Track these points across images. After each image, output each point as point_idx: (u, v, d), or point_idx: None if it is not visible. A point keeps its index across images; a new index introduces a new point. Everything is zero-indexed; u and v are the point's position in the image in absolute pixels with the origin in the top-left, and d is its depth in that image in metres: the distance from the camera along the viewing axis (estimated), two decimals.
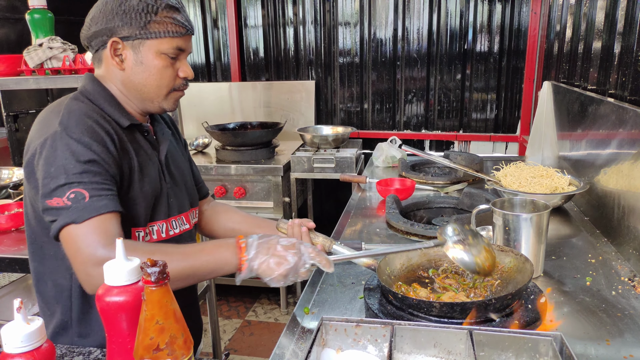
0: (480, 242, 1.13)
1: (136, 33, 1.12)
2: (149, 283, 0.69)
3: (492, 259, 1.12)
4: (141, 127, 1.22)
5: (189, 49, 1.22)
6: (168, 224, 1.24)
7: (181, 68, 1.20)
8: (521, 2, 3.13)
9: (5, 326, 0.69)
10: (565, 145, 2.20)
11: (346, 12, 3.41)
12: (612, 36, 1.74)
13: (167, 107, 1.23)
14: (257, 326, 3.09)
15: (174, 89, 1.21)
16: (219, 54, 3.74)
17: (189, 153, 1.50)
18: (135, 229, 1.16)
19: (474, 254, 1.11)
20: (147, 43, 1.13)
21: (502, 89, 3.30)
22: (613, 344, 1.02)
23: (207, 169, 2.98)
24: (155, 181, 1.20)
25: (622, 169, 1.51)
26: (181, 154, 1.40)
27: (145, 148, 1.21)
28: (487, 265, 1.10)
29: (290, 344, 1.06)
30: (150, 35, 1.13)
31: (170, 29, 1.14)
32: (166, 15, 1.13)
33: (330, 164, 2.96)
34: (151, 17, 1.12)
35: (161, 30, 1.13)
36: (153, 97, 1.20)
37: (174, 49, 1.16)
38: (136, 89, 1.18)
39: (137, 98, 1.20)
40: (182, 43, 1.17)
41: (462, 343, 0.86)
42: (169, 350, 0.70)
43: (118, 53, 1.15)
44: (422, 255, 1.27)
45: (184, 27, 1.16)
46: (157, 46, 1.14)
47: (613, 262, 1.41)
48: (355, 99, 3.54)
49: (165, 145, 1.28)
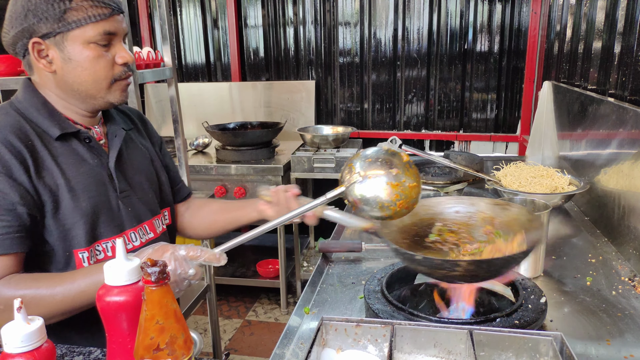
0: (385, 172, 0.93)
1: (55, 27, 1.00)
2: (149, 283, 0.69)
3: (402, 193, 0.92)
4: (79, 135, 1.11)
5: (122, 31, 1.09)
6: (123, 238, 1.14)
7: (118, 54, 1.08)
8: (521, 2, 3.12)
9: (5, 326, 0.69)
10: (565, 145, 2.20)
11: (346, 12, 3.41)
12: (612, 36, 1.74)
13: (114, 100, 1.11)
14: (257, 326, 3.09)
15: (115, 79, 1.09)
16: (219, 53, 3.74)
17: (165, 151, 1.39)
18: (78, 250, 1.06)
19: (375, 194, 0.92)
20: (69, 36, 1.02)
21: (502, 89, 3.30)
22: (613, 344, 1.02)
23: (208, 169, 2.98)
24: (97, 195, 1.09)
25: (622, 169, 1.51)
26: (148, 154, 1.29)
27: (86, 157, 1.10)
28: (398, 203, 0.92)
29: (291, 343, 1.06)
30: (71, 25, 1.01)
31: (92, 12, 1.02)
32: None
33: (331, 163, 2.96)
34: (66, 4, 1.00)
35: (81, 17, 1.01)
36: (94, 94, 1.09)
37: (101, 35, 1.04)
38: (72, 89, 1.07)
39: (77, 98, 1.09)
40: (110, 26, 1.05)
41: (462, 343, 0.86)
42: (169, 350, 0.70)
43: (43, 55, 1.04)
44: (412, 215, 1.12)
45: (107, 7, 1.04)
46: (81, 36, 1.02)
47: (613, 262, 1.41)
48: (356, 98, 3.54)
49: (116, 149, 1.16)
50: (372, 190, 0.92)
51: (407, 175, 0.93)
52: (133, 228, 1.17)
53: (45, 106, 1.09)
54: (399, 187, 0.93)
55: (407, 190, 0.93)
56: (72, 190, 1.06)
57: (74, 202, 1.05)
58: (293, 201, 1.21)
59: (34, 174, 1.02)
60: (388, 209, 0.94)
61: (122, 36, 1.10)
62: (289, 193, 1.22)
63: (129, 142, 1.23)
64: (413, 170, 0.97)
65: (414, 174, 0.96)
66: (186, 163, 2.18)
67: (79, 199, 1.06)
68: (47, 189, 1.03)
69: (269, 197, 1.25)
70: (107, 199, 1.12)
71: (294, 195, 1.22)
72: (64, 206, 1.05)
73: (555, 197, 1.73)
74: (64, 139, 1.09)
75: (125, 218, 1.15)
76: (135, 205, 1.18)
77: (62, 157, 1.07)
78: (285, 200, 1.22)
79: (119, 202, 1.14)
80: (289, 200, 1.21)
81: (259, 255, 3.52)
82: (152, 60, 2.06)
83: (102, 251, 1.11)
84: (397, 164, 0.95)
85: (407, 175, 0.93)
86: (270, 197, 1.24)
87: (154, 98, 3.82)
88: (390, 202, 0.93)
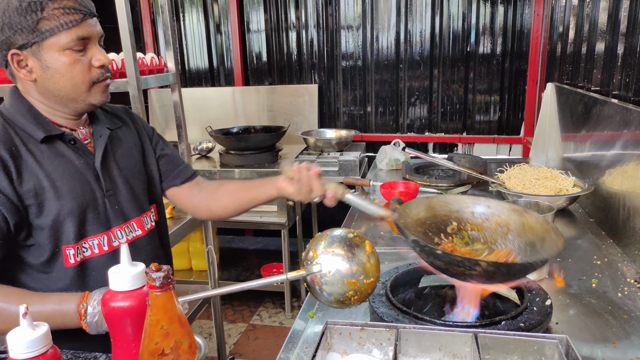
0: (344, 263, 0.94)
1: (30, 38, 1.03)
2: (153, 288, 0.69)
3: (357, 289, 0.94)
4: (63, 137, 1.13)
5: (96, 34, 1.10)
6: (109, 235, 1.17)
7: (94, 57, 1.10)
8: (523, 4, 3.12)
9: (11, 332, 0.70)
10: (569, 146, 2.19)
11: (348, 15, 3.42)
12: (615, 37, 1.74)
13: (95, 101, 1.14)
14: (262, 330, 3.09)
15: (94, 81, 1.11)
16: (222, 58, 3.76)
17: (159, 140, 1.40)
18: (66, 247, 1.11)
19: (332, 290, 0.95)
20: (45, 44, 1.04)
21: (505, 91, 3.30)
22: (620, 346, 1.02)
23: (211, 173, 2.98)
24: (82, 194, 1.12)
25: (627, 170, 1.50)
26: (137, 150, 1.31)
27: (71, 158, 1.13)
28: (353, 299, 0.95)
29: (295, 348, 1.06)
30: (44, 35, 1.03)
31: (64, 20, 1.03)
32: (55, 7, 1.03)
33: (334, 167, 2.96)
34: (38, 15, 1.02)
35: (53, 26, 1.03)
36: (74, 97, 1.11)
37: (75, 41, 1.06)
38: (54, 94, 1.10)
39: (60, 103, 1.12)
40: (83, 31, 1.06)
41: (467, 346, 0.86)
42: (174, 355, 0.70)
43: (23, 65, 1.07)
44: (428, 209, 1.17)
45: (79, 13, 1.05)
46: (56, 44, 1.04)
47: (619, 263, 1.41)
48: (359, 102, 3.55)
49: (101, 150, 1.18)
50: (329, 283, 0.95)
51: (366, 271, 0.95)
52: (119, 226, 1.20)
53: (30, 111, 1.12)
54: (355, 284, 0.95)
55: (363, 287, 0.96)
56: (57, 191, 1.09)
57: (59, 202, 1.09)
58: (315, 180, 1.19)
59: (16, 179, 1.05)
60: (342, 303, 0.97)
61: (97, 39, 1.12)
62: (312, 172, 1.20)
63: (115, 141, 1.25)
64: (374, 263, 0.98)
65: (374, 267, 0.98)
66: None
67: (64, 199, 1.10)
68: (32, 192, 1.06)
69: (291, 173, 1.23)
70: (93, 198, 1.15)
71: (316, 174, 1.20)
72: (50, 206, 1.08)
73: (559, 199, 1.73)
74: (49, 141, 1.12)
75: (111, 216, 1.18)
76: (122, 204, 1.21)
77: (47, 160, 1.10)
78: (307, 178, 1.20)
79: (105, 201, 1.17)
80: (310, 179, 1.19)
81: (263, 259, 3.52)
82: (155, 65, 2.07)
83: (88, 248, 1.15)
84: (358, 258, 0.96)
85: (367, 271, 0.96)
86: (293, 173, 1.22)
87: (157, 103, 3.84)
88: (345, 297, 0.96)
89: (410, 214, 1.15)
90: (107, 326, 0.95)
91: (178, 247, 3.28)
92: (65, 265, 1.13)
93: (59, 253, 1.11)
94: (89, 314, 0.98)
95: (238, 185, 1.40)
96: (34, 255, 1.12)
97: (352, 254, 0.95)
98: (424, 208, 1.18)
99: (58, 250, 1.11)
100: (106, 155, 1.20)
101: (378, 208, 1.15)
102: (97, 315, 0.97)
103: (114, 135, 1.26)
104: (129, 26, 1.72)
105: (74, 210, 1.11)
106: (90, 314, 0.98)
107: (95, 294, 1.01)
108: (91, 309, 0.98)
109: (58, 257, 1.12)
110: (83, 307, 0.99)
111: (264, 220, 2.95)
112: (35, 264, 1.12)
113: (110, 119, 1.29)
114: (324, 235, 1.00)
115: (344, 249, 0.95)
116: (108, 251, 1.17)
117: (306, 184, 1.20)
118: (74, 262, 1.13)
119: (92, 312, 0.98)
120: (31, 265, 1.13)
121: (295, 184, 1.23)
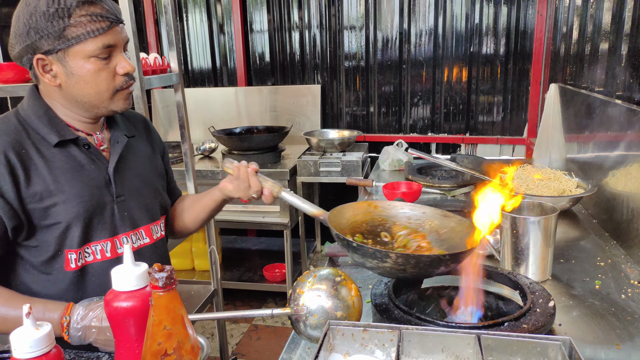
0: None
1: (56, 44, 1.03)
2: (156, 288, 0.69)
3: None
4: (77, 141, 1.13)
5: (122, 41, 1.10)
6: (114, 242, 1.17)
7: (119, 64, 1.10)
8: (527, 4, 3.12)
9: (14, 331, 0.70)
10: (572, 147, 2.18)
11: (351, 15, 3.42)
12: (619, 37, 1.74)
13: (118, 108, 1.14)
14: (264, 330, 3.09)
15: (117, 89, 1.12)
16: (225, 59, 3.76)
17: (167, 158, 1.44)
18: (69, 250, 1.11)
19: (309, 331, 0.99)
20: (70, 51, 1.04)
21: (508, 92, 3.29)
22: (623, 348, 1.01)
23: (214, 174, 2.98)
24: (90, 199, 1.12)
25: (630, 171, 1.49)
26: (149, 161, 1.32)
27: (83, 163, 1.13)
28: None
29: (298, 348, 1.06)
30: (70, 42, 1.03)
31: (90, 28, 1.03)
32: (82, 14, 1.02)
33: (337, 167, 2.96)
34: (65, 21, 1.01)
35: (80, 33, 1.02)
36: (97, 104, 1.12)
37: (101, 49, 1.05)
38: (77, 100, 1.11)
39: (81, 108, 1.13)
40: (109, 39, 1.06)
41: (470, 347, 0.85)
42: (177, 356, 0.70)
43: (47, 69, 1.07)
44: (366, 213, 1.25)
45: (106, 21, 1.05)
46: (82, 51, 1.04)
47: (622, 265, 1.40)
48: (361, 102, 3.55)
49: (116, 155, 1.19)
50: (313, 326, 0.98)
51: (349, 315, 0.99)
52: (126, 232, 1.20)
53: (47, 113, 1.12)
54: None
55: None
56: (65, 194, 1.09)
57: (65, 206, 1.09)
58: (253, 177, 1.25)
59: (22, 182, 1.05)
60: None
61: (122, 46, 1.12)
62: (250, 169, 1.25)
63: (130, 149, 1.26)
64: (358, 306, 1.01)
65: (358, 310, 1.01)
66: (193, 168, 2.19)
67: (71, 203, 1.10)
68: (38, 196, 1.07)
69: (231, 170, 1.28)
70: (102, 203, 1.15)
71: (253, 171, 1.25)
72: (56, 210, 1.08)
73: (562, 200, 1.72)
74: (63, 145, 1.12)
75: (119, 222, 1.18)
76: (132, 210, 1.21)
77: (57, 163, 1.10)
78: (246, 175, 1.25)
79: (114, 207, 1.17)
80: (249, 176, 1.25)
81: (266, 259, 3.52)
82: (158, 66, 2.07)
83: (91, 253, 1.15)
84: (343, 303, 0.99)
85: (350, 315, 0.99)
86: (233, 170, 1.28)
87: (160, 103, 3.84)
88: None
89: (345, 215, 1.21)
90: (91, 340, 0.98)
91: (181, 247, 3.28)
92: (66, 270, 1.13)
93: (61, 256, 1.11)
94: (72, 328, 0.98)
95: (192, 199, 1.46)
96: (37, 256, 1.12)
97: (337, 297, 0.98)
98: (361, 212, 1.24)
99: (61, 253, 1.11)
100: (121, 161, 1.20)
101: (311, 206, 1.19)
102: (81, 330, 0.98)
103: (130, 142, 1.26)
104: (133, 26, 1.72)
105: (80, 214, 1.11)
106: (73, 328, 0.98)
107: (79, 308, 1.00)
108: (75, 323, 0.99)
109: (60, 260, 1.12)
110: (66, 320, 1.00)
111: (267, 221, 2.95)
112: (37, 264, 1.13)
113: (128, 125, 1.30)
114: (312, 275, 1.03)
115: (329, 291, 0.99)
116: (110, 258, 1.17)
117: (244, 181, 1.26)
118: (74, 266, 1.13)
119: (76, 327, 0.98)
120: (33, 264, 1.13)
121: (234, 180, 1.29)
